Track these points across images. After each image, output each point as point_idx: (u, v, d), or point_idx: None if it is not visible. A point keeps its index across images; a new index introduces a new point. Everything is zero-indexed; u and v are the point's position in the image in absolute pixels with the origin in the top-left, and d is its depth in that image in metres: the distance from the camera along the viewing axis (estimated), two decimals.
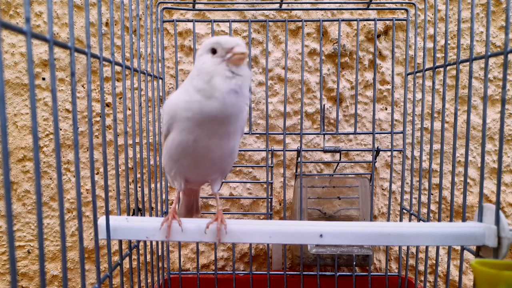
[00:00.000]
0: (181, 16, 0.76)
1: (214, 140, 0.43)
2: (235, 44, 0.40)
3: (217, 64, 0.41)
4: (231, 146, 0.45)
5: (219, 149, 0.44)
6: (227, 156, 0.46)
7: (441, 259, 0.81)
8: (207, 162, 0.45)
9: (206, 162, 0.45)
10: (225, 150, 0.44)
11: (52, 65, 0.31)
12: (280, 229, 0.46)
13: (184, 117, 0.42)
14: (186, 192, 0.55)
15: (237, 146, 0.47)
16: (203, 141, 0.43)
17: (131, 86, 0.53)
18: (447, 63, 0.55)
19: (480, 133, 0.78)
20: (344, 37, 0.77)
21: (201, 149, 0.43)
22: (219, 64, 0.41)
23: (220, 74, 0.40)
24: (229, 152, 0.45)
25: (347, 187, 0.74)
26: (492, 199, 0.78)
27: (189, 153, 0.44)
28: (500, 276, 0.37)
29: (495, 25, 0.77)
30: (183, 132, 0.43)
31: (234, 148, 0.46)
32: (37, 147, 0.29)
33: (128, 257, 0.53)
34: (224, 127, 0.42)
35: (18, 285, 0.59)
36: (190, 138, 0.43)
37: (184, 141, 0.43)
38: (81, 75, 0.75)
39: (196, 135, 0.42)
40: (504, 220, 0.43)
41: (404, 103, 0.70)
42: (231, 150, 0.45)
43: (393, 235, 0.45)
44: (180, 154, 0.45)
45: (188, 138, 0.43)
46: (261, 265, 0.82)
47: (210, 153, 0.44)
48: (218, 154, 0.44)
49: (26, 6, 0.27)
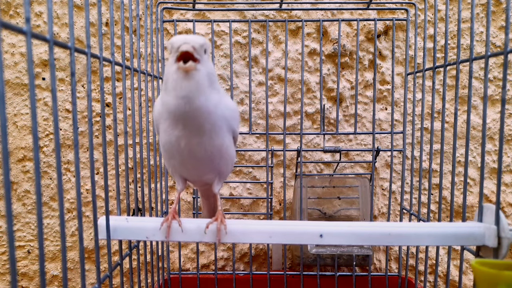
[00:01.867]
0: (181, 16, 0.76)
1: (194, 139, 0.43)
2: (181, 42, 0.39)
3: (171, 65, 0.40)
4: (217, 146, 0.44)
5: (202, 148, 0.43)
6: (215, 157, 0.45)
7: (441, 259, 0.81)
8: (194, 162, 0.45)
9: (193, 161, 0.45)
10: (209, 150, 0.44)
11: (52, 65, 0.31)
12: (280, 229, 0.45)
13: (163, 118, 0.43)
14: (203, 195, 0.55)
15: (227, 146, 0.45)
16: (183, 140, 0.43)
17: (131, 86, 0.53)
18: (447, 63, 0.55)
19: (480, 133, 0.78)
20: (344, 37, 0.77)
21: (184, 148, 0.43)
22: (172, 65, 0.40)
23: (172, 76, 0.40)
24: (216, 152, 0.44)
25: (347, 187, 0.74)
26: (492, 199, 0.78)
27: (174, 152, 0.44)
28: (500, 276, 0.37)
29: (495, 25, 0.77)
30: (166, 132, 0.43)
31: (221, 148, 0.45)
32: (37, 147, 0.29)
33: (128, 257, 0.53)
34: (195, 124, 0.42)
35: (18, 285, 0.59)
36: (172, 138, 0.43)
37: (168, 141, 0.44)
38: (81, 75, 0.75)
39: (176, 135, 0.43)
40: (504, 220, 0.43)
41: (404, 103, 0.70)
42: (218, 150, 0.44)
43: (393, 235, 0.45)
44: (168, 153, 0.45)
45: (170, 138, 0.43)
46: (261, 265, 0.82)
47: (193, 152, 0.44)
48: (202, 153, 0.44)
49: (26, 6, 0.27)
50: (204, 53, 0.41)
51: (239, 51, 0.77)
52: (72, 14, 0.35)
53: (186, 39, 0.39)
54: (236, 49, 0.77)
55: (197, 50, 0.39)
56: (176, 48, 0.39)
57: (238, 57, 0.77)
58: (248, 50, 0.72)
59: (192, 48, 0.39)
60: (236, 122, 0.46)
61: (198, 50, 0.39)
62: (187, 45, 0.39)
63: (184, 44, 0.39)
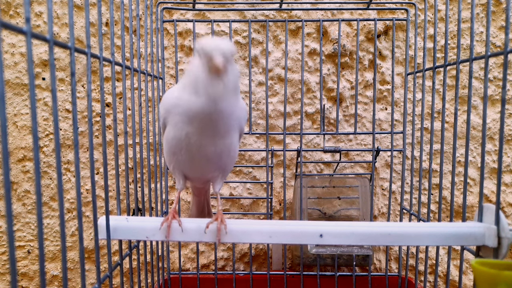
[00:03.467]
0: (181, 16, 0.76)
1: (206, 137, 0.43)
2: (213, 54, 0.40)
3: (201, 68, 0.41)
4: (227, 144, 0.45)
5: (212, 146, 0.44)
6: (224, 155, 0.45)
7: (441, 259, 0.81)
8: (202, 159, 0.45)
9: (201, 158, 0.45)
10: (219, 148, 0.45)
11: (52, 65, 0.31)
12: (280, 229, 0.45)
13: (175, 112, 0.43)
14: (195, 193, 0.55)
15: (235, 144, 0.46)
16: (194, 137, 0.43)
17: (131, 86, 0.53)
18: (447, 63, 0.55)
19: (480, 133, 0.78)
20: (344, 37, 0.77)
21: (194, 144, 0.44)
22: (202, 70, 0.41)
23: (201, 78, 0.41)
24: (226, 150, 0.45)
25: (347, 187, 0.74)
26: (492, 199, 0.78)
27: (182, 147, 0.44)
28: (500, 276, 0.37)
29: (495, 25, 0.77)
30: (176, 127, 0.44)
31: (230, 146, 0.46)
32: (37, 147, 0.28)
33: (128, 257, 0.53)
34: (213, 125, 0.43)
35: (18, 285, 0.59)
36: (182, 133, 0.43)
37: (177, 136, 0.44)
38: (81, 75, 0.75)
39: (188, 131, 0.43)
40: (504, 220, 0.43)
41: (404, 103, 0.69)
42: (228, 149, 0.45)
43: (393, 235, 0.45)
44: (175, 148, 0.45)
45: (180, 133, 0.44)
46: (261, 265, 0.82)
47: (203, 149, 0.44)
48: (212, 151, 0.44)
49: (26, 6, 0.27)
50: (232, 58, 0.42)
51: (239, 51, 0.77)
52: (72, 14, 0.35)
53: (218, 46, 0.40)
54: (236, 49, 0.77)
55: (228, 58, 0.41)
56: (207, 53, 0.40)
57: (238, 57, 0.77)
58: (248, 50, 0.72)
59: (224, 59, 0.40)
60: (245, 120, 0.48)
61: (229, 58, 0.41)
62: (218, 60, 0.39)
63: (214, 58, 0.39)
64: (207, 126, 0.43)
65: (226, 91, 0.41)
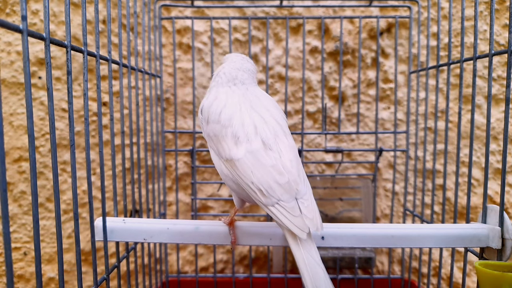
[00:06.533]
0: (179, 13, 0.75)
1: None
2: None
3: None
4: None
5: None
6: None
7: (444, 261, 0.80)
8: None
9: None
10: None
11: (49, 64, 0.31)
12: (281, 231, 0.45)
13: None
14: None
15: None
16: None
17: (128, 84, 0.52)
18: (451, 61, 0.54)
19: (484, 133, 0.77)
20: (346, 35, 0.76)
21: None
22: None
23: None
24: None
25: (349, 188, 0.73)
26: (496, 200, 0.77)
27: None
28: (504, 277, 0.37)
29: (499, 23, 0.76)
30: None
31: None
32: (33, 147, 0.28)
33: (126, 259, 0.52)
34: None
35: (14, 287, 0.58)
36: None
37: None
38: (77, 73, 0.74)
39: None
40: (508, 222, 0.43)
41: (408, 102, 0.68)
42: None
43: (396, 237, 0.45)
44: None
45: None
46: (261, 268, 0.81)
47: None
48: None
49: (23, 4, 0.27)
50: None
51: (239, 48, 0.76)
52: (69, 12, 0.34)
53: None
54: (236, 46, 0.76)
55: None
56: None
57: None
58: (248, 48, 0.71)
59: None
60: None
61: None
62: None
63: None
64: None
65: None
